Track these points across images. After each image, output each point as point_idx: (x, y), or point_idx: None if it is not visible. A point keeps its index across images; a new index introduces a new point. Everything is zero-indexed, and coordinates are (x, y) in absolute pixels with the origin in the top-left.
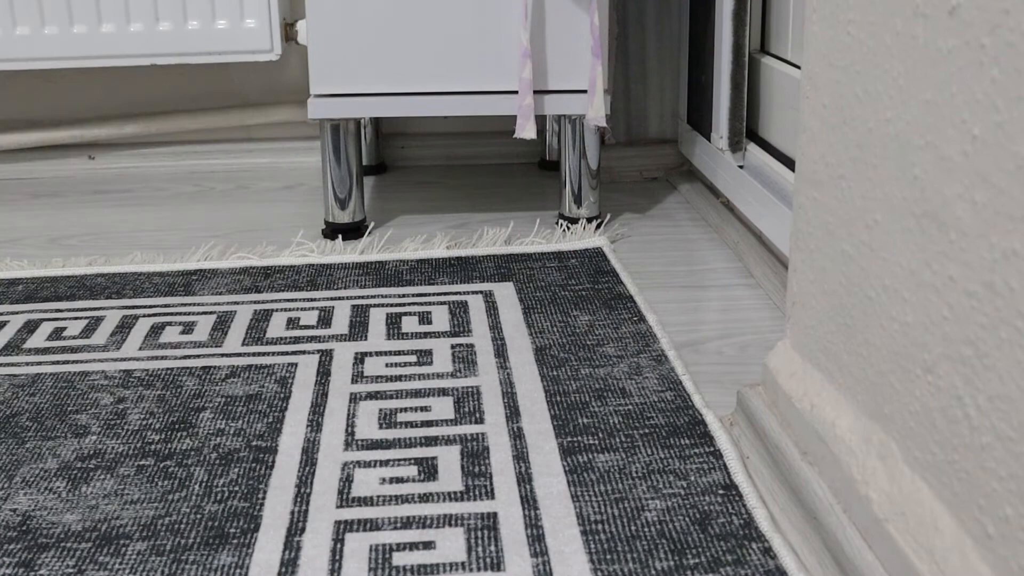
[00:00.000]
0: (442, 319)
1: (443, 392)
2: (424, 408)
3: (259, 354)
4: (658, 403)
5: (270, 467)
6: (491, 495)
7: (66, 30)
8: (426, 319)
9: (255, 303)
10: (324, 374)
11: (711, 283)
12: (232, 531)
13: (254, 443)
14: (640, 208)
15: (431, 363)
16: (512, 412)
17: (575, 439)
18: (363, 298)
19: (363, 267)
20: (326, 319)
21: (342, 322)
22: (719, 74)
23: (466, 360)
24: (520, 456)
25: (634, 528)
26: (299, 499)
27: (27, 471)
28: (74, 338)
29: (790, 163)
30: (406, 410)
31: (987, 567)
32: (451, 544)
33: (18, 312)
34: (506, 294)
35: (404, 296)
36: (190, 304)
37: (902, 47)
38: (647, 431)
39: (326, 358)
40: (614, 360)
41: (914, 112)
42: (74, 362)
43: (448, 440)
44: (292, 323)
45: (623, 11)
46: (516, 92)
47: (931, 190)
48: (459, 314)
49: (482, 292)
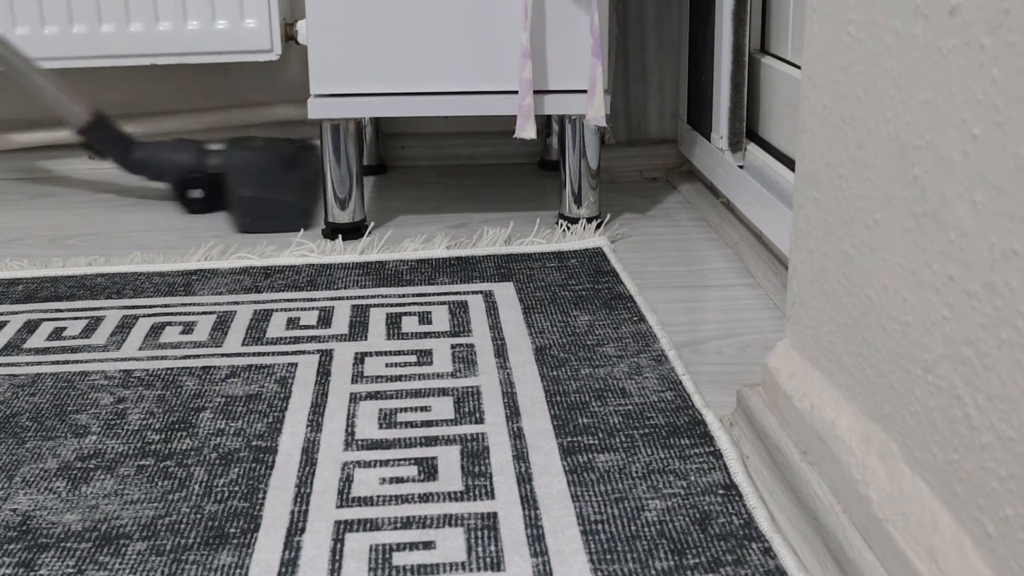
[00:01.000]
0: (442, 319)
1: (443, 392)
2: (424, 408)
3: (259, 354)
4: (658, 403)
5: (270, 467)
6: (491, 495)
7: (66, 30)
8: (426, 319)
9: (255, 303)
10: (324, 374)
11: (711, 283)
12: (232, 531)
13: (254, 443)
14: (640, 208)
15: (431, 363)
16: (512, 412)
17: (575, 439)
18: (363, 298)
19: (363, 267)
20: (326, 319)
21: (342, 322)
22: (719, 74)
23: (466, 360)
24: (520, 456)
25: (634, 528)
26: (299, 499)
27: (27, 471)
28: (74, 338)
29: (790, 163)
30: (406, 410)
31: (987, 567)
32: (451, 544)
33: (18, 312)
34: (506, 294)
35: (404, 296)
36: (190, 304)
37: (902, 47)
38: (647, 431)
39: (326, 358)
40: (614, 360)
41: (914, 112)
42: (74, 362)
43: (448, 440)
44: (292, 323)
45: (623, 11)
46: (516, 92)
47: (931, 190)
48: (459, 314)
49: (482, 292)
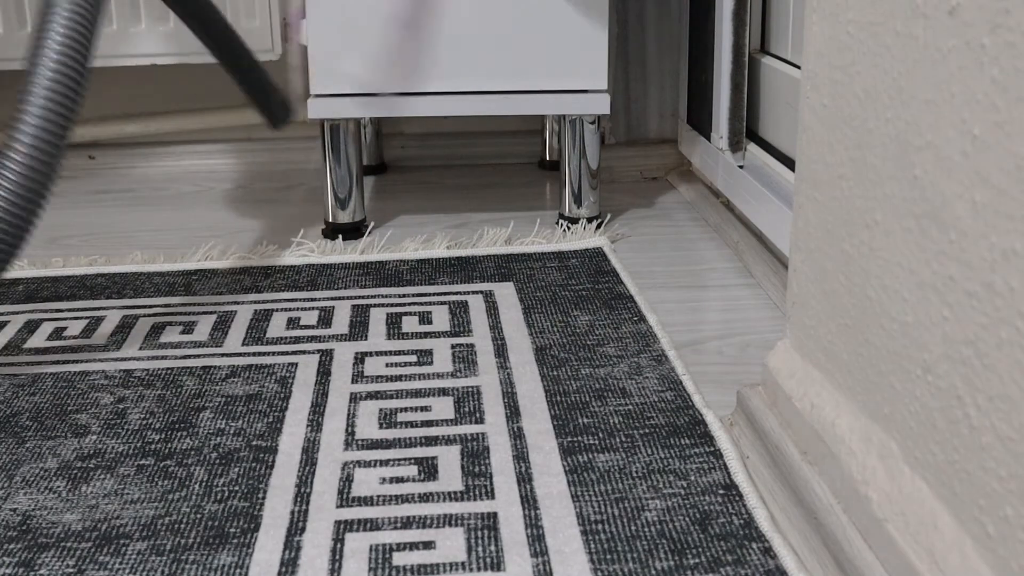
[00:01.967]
0: (442, 319)
1: (443, 392)
2: (424, 408)
3: (259, 354)
4: (658, 403)
5: (270, 467)
6: (491, 495)
7: None
8: (426, 319)
9: (255, 303)
10: (324, 374)
11: (711, 283)
12: (232, 531)
13: (254, 443)
14: (640, 208)
15: (431, 363)
16: (512, 412)
17: (575, 439)
18: (363, 298)
19: (363, 267)
20: (326, 319)
21: (342, 322)
22: (719, 74)
23: (466, 360)
24: (520, 456)
25: (634, 528)
26: (299, 499)
27: (27, 471)
28: (74, 338)
29: (790, 163)
30: (406, 410)
31: (987, 567)
32: (451, 544)
33: (18, 312)
34: (506, 294)
35: (404, 296)
36: (190, 304)
37: (902, 47)
38: (647, 431)
39: (326, 358)
40: (614, 360)
41: (914, 112)
42: (74, 362)
43: (448, 440)
44: (292, 323)
45: (623, 11)
46: (516, 92)
47: (931, 190)
48: (459, 314)
49: (482, 292)
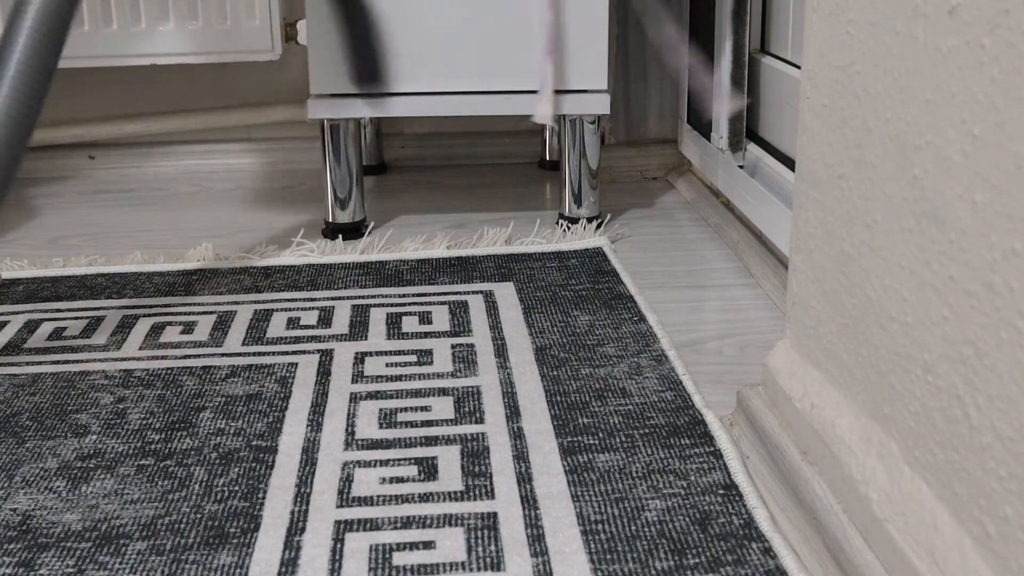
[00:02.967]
0: (442, 319)
1: (443, 392)
2: (424, 408)
3: (259, 354)
4: (658, 403)
5: (270, 467)
6: (491, 495)
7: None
8: (426, 319)
9: (255, 303)
10: (324, 374)
11: (711, 283)
12: (232, 531)
13: (254, 443)
14: (640, 208)
15: (431, 363)
16: (512, 412)
17: (575, 439)
18: (363, 298)
19: (363, 267)
20: (326, 319)
21: (342, 322)
22: (719, 74)
23: (466, 360)
24: (520, 456)
25: (634, 528)
26: (299, 499)
27: (27, 471)
28: (74, 338)
29: (790, 163)
30: (406, 410)
31: (987, 567)
32: (451, 544)
33: (18, 312)
34: (506, 294)
35: (404, 296)
36: (190, 304)
37: (902, 47)
38: (647, 431)
39: (326, 358)
40: (614, 360)
41: (914, 112)
42: (74, 362)
43: (448, 440)
44: (292, 323)
45: (623, 11)
46: (515, 92)
47: (931, 190)
48: (459, 314)
49: (482, 292)
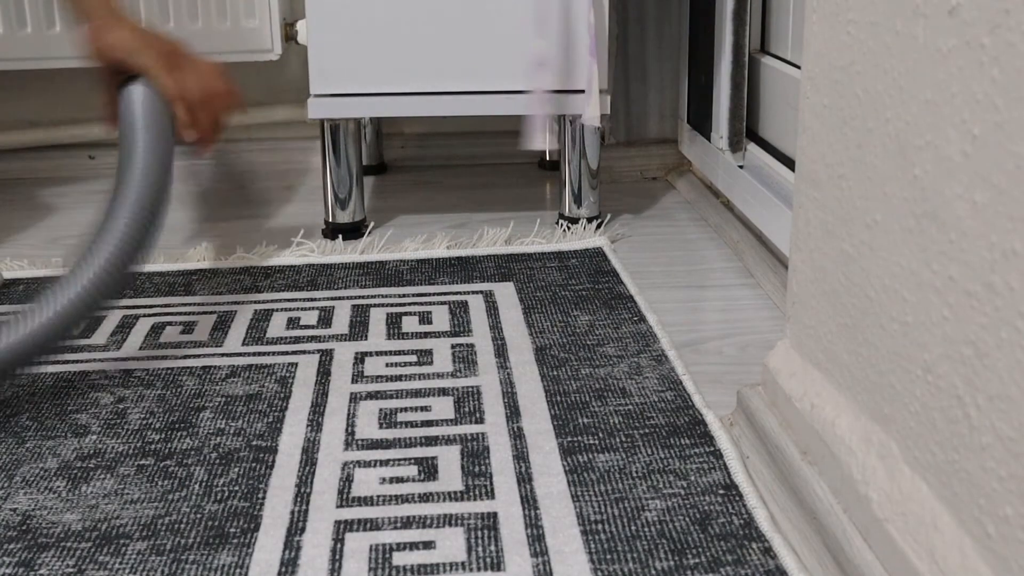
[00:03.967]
0: (442, 319)
1: (443, 392)
2: (424, 408)
3: (259, 354)
4: (658, 403)
5: (270, 467)
6: (491, 495)
7: (70, 30)
8: (426, 319)
9: (255, 303)
10: (324, 374)
11: (711, 283)
12: (232, 531)
13: (254, 443)
14: (640, 208)
15: (431, 363)
16: (512, 412)
17: (575, 439)
18: (363, 298)
19: (363, 267)
20: (326, 319)
21: (342, 322)
22: (719, 74)
23: (466, 360)
24: (520, 456)
25: (634, 528)
26: (299, 499)
27: (27, 471)
28: (74, 338)
29: (790, 163)
30: (406, 410)
31: (987, 567)
32: (451, 544)
33: (18, 312)
34: (506, 294)
35: (404, 296)
36: (190, 304)
37: (902, 47)
38: (647, 431)
39: (326, 358)
40: (614, 360)
41: (914, 112)
42: (74, 362)
43: (448, 440)
44: (292, 323)
45: (623, 11)
46: (514, 92)
47: (931, 190)
48: (459, 314)
49: (482, 292)
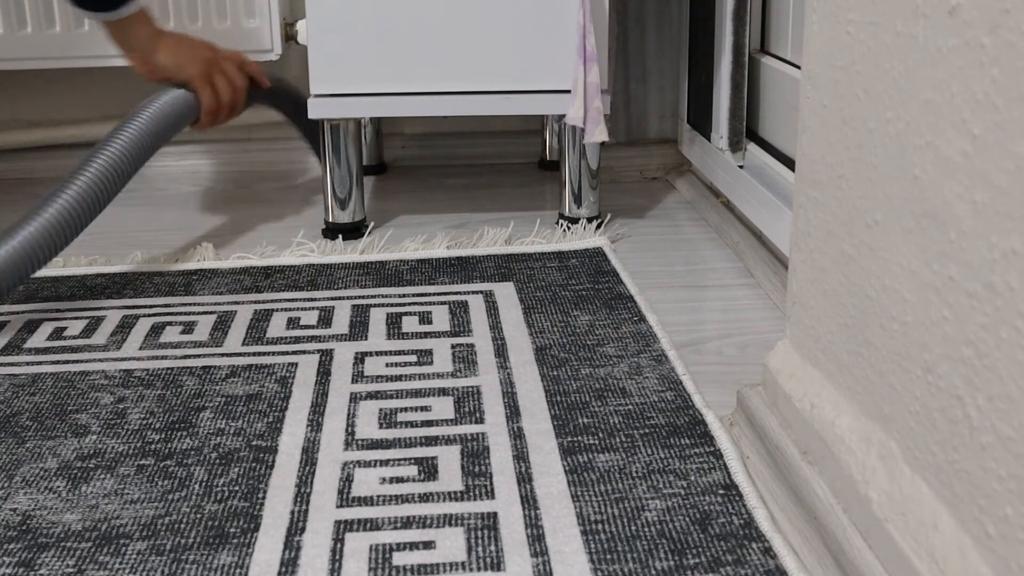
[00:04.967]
0: (442, 319)
1: (443, 392)
2: (424, 408)
3: (259, 354)
4: (658, 403)
5: (270, 467)
6: (491, 495)
7: (71, 30)
8: (426, 319)
9: (255, 303)
10: (324, 374)
11: (711, 283)
12: (232, 531)
13: (254, 443)
14: (640, 208)
15: (431, 363)
16: (512, 412)
17: (575, 439)
18: (363, 298)
19: (363, 267)
20: (326, 319)
21: (342, 322)
22: (719, 74)
23: (466, 360)
24: (520, 456)
25: (634, 528)
26: (299, 499)
27: (27, 471)
28: (74, 338)
29: (790, 163)
30: (406, 410)
31: (987, 567)
32: (451, 544)
33: (18, 312)
34: (506, 294)
35: (404, 296)
36: (190, 304)
37: (902, 47)
38: (647, 431)
39: (326, 358)
40: (614, 360)
41: (914, 112)
42: (74, 362)
43: (448, 440)
44: (292, 323)
45: (623, 11)
46: (514, 92)
47: (931, 190)
48: (459, 314)
49: (482, 292)
